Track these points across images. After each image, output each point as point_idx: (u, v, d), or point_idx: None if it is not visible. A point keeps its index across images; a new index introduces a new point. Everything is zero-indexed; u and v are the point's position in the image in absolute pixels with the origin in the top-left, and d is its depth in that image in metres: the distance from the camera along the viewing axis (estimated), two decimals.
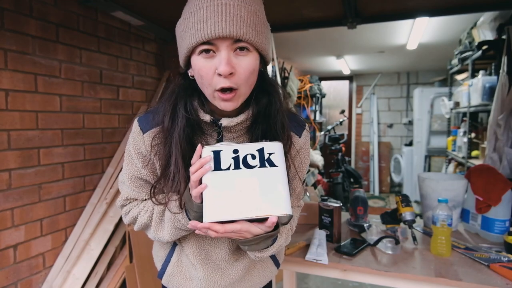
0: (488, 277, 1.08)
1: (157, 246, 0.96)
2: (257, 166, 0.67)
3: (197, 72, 0.70)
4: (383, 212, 1.55)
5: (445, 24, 3.00)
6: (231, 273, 0.85)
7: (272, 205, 0.65)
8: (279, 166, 0.68)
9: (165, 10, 1.94)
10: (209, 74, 0.68)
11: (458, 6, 1.89)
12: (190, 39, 0.66)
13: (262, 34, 0.69)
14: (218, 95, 0.70)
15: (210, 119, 0.76)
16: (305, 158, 0.87)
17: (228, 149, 0.67)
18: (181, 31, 0.70)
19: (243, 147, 0.68)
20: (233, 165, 0.67)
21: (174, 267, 0.89)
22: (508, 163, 2.09)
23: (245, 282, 0.88)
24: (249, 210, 0.64)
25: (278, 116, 0.77)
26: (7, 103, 1.53)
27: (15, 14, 1.54)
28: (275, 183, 0.66)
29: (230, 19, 0.63)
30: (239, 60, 0.68)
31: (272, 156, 0.68)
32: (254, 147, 0.68)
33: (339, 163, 4.82)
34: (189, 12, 0.67)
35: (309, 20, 2.15)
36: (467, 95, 3.13)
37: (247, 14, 0.65)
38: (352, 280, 1.23)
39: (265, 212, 0.65)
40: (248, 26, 0.65)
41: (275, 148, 0.69)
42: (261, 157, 0.68)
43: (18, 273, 1.62)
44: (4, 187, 1.54)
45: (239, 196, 0.65)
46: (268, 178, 0.66)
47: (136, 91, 2.32)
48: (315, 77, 5.27)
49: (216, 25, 0.63)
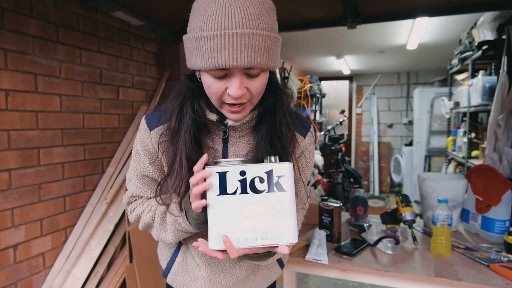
0: (488, 277, 1.08)
1: (162, 245, 0.97)
2: (265, 191, 0.64)
3: (207, 88, 0.71)
4: (383, 212, 1.55)
5: (445, 24, 3.00)
6: (235, 273, 0.86)
7: (279, 234, 0.64)
8: (287, 191, 0.65)
9: (165, 10, 1.94)
10: (219, 92, 0.69)
11: (458, 6, 1.89)
12: (202, 63, 0.66)
13: (274, 55, 0.69)
14: (226, 107, 0.71)
15: (217, 118, 0.77)
16: (309, 160, 0.87)
17: (234, 170, 0.64)
18: (191, 48, 0.69)
19: (251, 168, 0.64)
20: (239, 189, 0.64)
21: (179, 266, 0.89)
22: (508, 163, 2.09)
23: (249, 282, 0.89)
24: (255, 238, 0.63)
25: (284, 116, 0.78)
26: (7, 103, 1.53)
27: (15, 14, 1.54)
28: (283, 210, 0.64)
29: (245, 50, 0.63)
30: (250, 81, 0.69)
31: (281, 180, 0.65)
32: (262, 169, 0.64)
33: (339, 163, 4.82)
34: (201, 35, 0.65)
35: (309, 20, 2.15)
36: (467, 95, 3.13)
37: (261, 42, 0.65)
38: (352, 280, 1.23)
39: (271, 241, 0.63)
40: (262, 55, 0.65)
41: (284, 170, 0.65)
42: (269, 181, 0.64)
43: (18, 273, 1.62)
44: (4, 187, 1.54)
45: (245, 223, 0.63)
46: (276, 205, 0.64)
47: (136, 91, 2.32)
48: (315, 77, 5.27)
49: (231, 57, 0.63)
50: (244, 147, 0.81)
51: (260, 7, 0.66)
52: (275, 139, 0.76)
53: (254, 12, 0.64)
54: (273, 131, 0.77)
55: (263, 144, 0.77)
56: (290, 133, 0.79)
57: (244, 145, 0.82)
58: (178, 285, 0.90)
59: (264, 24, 0.66)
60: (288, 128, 0.78)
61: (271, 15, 0.69)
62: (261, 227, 0.63)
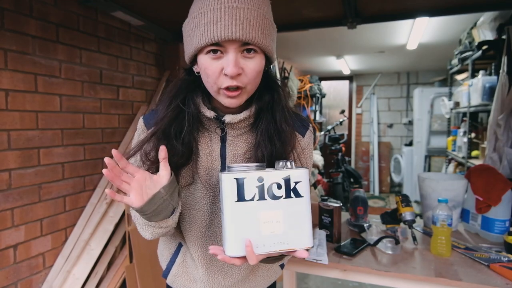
0: (488, 277, 1.08)
1: (162, 246, 0.96)
2: (282, 196, 0.65)
3: (203, 71, 0.71)
4: (383, 212, 1.55)
5: (445, 24, 3.00)
6: (234, 273, 0.85)
7: (296, 239, 0.64)
8: (304, 197, 0.65)
9: (165, 10, 1.94)
10: (216, 73, 0.69)
11: (458, 6, 1.89)
12: (199, 39, 0.67)
13: (269, 37, 0.71)
14: (223, 92, 0.70)
15: (214, 115, 0.76)
16: (309, 158, 0.87)
17: (252, 176, 0.64)
18: (189, 30, 0.71)
19: (269, 174, 0.64)
20: (257, 195, 0.64)
21: (179, 267, 0.89)
22: (508, 163, 2.09)
23: (249, 282, 0.88)
24: (273, 244, 0.64)
25: (282, 112, 0.77)
26: (7, 103, 1.53)
27: (15, 14, 1.54)
28: (300, 216, 0.65)
29: (240, 22, 0.64)
30: (246, 62, 0.69)
31: (298, 185, 0.65)
32: (280, 175, 0.65)
33: (339, 163, 4.82)
34: (199, 12, 0.67)
35: (309, 20, 2.15)
36: (467, 95, 3.13)
37: (257, 18, 0.66)
38: (352, 280, 1.23)
39: (288, 246, 0.64)
40: (257, 30, 0.66)
41: (301, 176, 0.66)
42: (287, 187, 0.65)
43: (18, 273, 1.62)
44: (4, 187, 1.54)
45: (264, 229, 0.63)
46: (294, 210, 0.65)
47: (136, 91, 2.32)
48: (315, 77, 5.27)
49: (226, 28, 0.64)
50: (243, 146, 0.80)
51: None
52: (275, 136, 0.75)
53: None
54: (272, 128, 0.76)
55: (263, 142, 0.76)
56: (290, 130, 0.78)
57: (243, 144, 0.80)
58: (177, 286, 0.90)
59: (259, 5, 0.68)
60: (287, 124, 0.77)
61: (265, 3, 0.71)
62: (279, 232, 0.64)
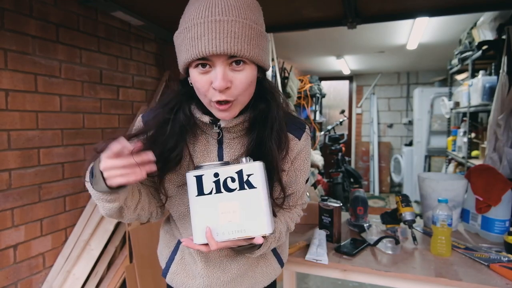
0: (488, 277, 1.08)
1: (161, 245, 0.97)
2: (236, 189, 0.70)
3: (194, 84, 0.72)
4: (383, 212, 1.55)
5: (445, 24, 3.00)
6: (232, 269, 0.86)
7: (254, 227, 0.70)
8: (257, 187, 0.70)
9: (165, 10, 1.94)
10: (205, 87, 0.69)
11: (458, 6, 1.89)
12: (186, 54, 0.67)
13: (258, 47, 0.69)
14: (214, 105, 0.71)
15: (209, 120, 0.78)
16: (306, 160, 0.88)
17: (209, 173, 0.70)
18: (178, 44, 0.71)
19: (223, 170, 0.70)
20: (214, 189, 0.71)
21: (177, 265, 0.90)
22: (508, 163, 2.09)
23: (247, 278, 0.89)
24: (232, 232, 0.70)
25: (276, 122, 0.78)
26: (7, 103, 1.53)
27: (15, 14, 1.54)
28: (256, 205, 0.70)
29: (224, 36, 0.64)
30: (235, 74, 0.68)
31: (251, 178, 0.70)
32: (233, 170, 0.70)
33: (339, 163, 4.82)
34: (185, 26, 0.67)
35: (309, 20, 2.15)
36: (467, 95, 3.13)
37: (242, 29, 0.65)
38: (352, 280, 1.23)
39: (247, 233, 0.70)
40: (242, 42, 0.65)
41: (254, 169, 0.70)
42: (240, 180, 0.70)
43: (18, 273, 1.62)
44: (4, 187, 1.54)
45: (222, 219, 0.70)
46: (248, 200, 0.70)
47: (136, 91, 2.32)
48: (315, 77, 5.28)
49: (210, 43, 0.63)
50: (240, 148, 0.81)
51: (241, 1, 0.68)
52: (267, 143, 0.77)
53: (234, 4, 0.66)
54: (265, 136, 0.77)
55: (252, 148, 0.78)
56: (284, 138, 0.79)
57: (240, 146, 0.82)
58: (177, 284, 0.90)
59: (245, 15, 0.67)
60: (281, 132, 0.78)
61: (254, 10, 0.70)
62: (236, 221, 0.70)
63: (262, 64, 0.72)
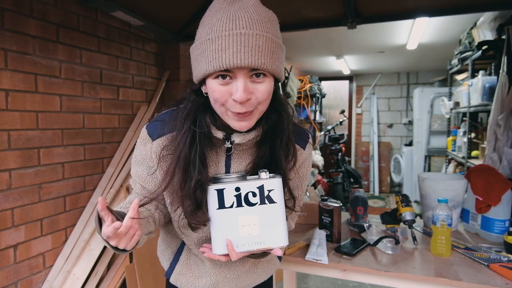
0: (488, 277, 1.08)
1: (162, 246, 0.98)
2: (257, 203, 0.72)
3: (211, 94, 0.71)
4: (383, 212, 1.55)
5: (445, 24, 3.00)
6: (238, 267, 0.90)
7: (272, 239, 0.73)
8: (277, 202, 0.73)
9: (165, 10, 1.94)
10: (224, 97, 0.69)
11: (458, 6, 1.89)
12: (207, 66, 0.67)
13: (278, 60, 0.70)
14: (231, 114, 0.71)
15: (223, 136, 0.77)
16: (309, 167, 0.93)
17: (230, 187, 0.72)
18: (197, 55, 0.70)
19: (245, 184, 0.72)
20: (235, 203, 0.72)
21: (183, 266, 0.91)
22: (508, 163, 2.09)
23: (251, 275, 0.93)
24: (251, 243, 0.73)
25: (286, 134, 0.79)
26: (7, 103, 1.53)
27: (15, 14, 1.54)
28: (275, 219, 0.73)
29: (249, 49, 0.64)
30: (256, 86, 0.69)
31: (271, 193, 0.73)
32: (254, 185, 0.72)
33: (339, 163, 4.82)
34: (207, 38, 0.67)
35: (309, 20, 2.15)
36: (467, 95, 3.13)
37: (265, 43, 0.66)
38: (352, 280, 1.23)
39: (265, 245, 0.73)
40: (266, 56, 0.66)
41: (274, 184, 0.73)
42: (261, 194, 0.73)
43: (18, 273, 1.62)
44: (4, 187, 1.54)
45: (242, 231, 0.72)
46: (268, 214, 0.73)
47: (136, 91, 2.32)
48: (315, 77, 5.28)
49: (235, 56, 0.64)
50: (248, 158, 0.83)
51: (263, 15, 0.69)
52: (277, 154, 0.79)
53: (257, 18, 0.67)
54: (275, 148, 0.79)
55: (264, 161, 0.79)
56: (293, 149, 0.81)
57: (248, 157, 0.83)
58: (182, 284, 0.92)
59: (268, 29, 0.68)
60: (290, 144, 0.80)
61: (274, 24, 0.71)
62: (255, 233, 0.72)
63: (279, 76, 0.74)
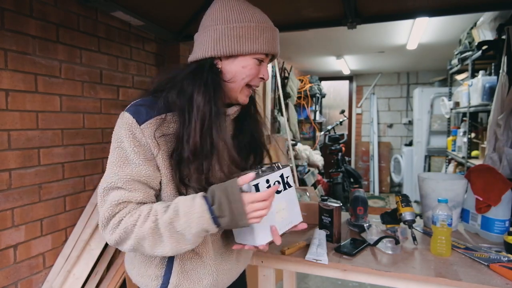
0: (488, 277, 1.08)
1: (140, 267, 0.87)
2: (282, 190, 0.86)
3: (242, 68, 0.85)
4: (383, 212, 1.55)
5: (445, 24, 3.01)
6: (232, 257, 0.94)
7: (294, 217, 0.90)
8: (293, 186, 0.89)
9: (165, 10, 1.94)
10: (255, 74, 0.88)
11: (458, 6, 1.89)
12: (256, 46, 0.83)
13: None
14: (246, 89, 0.89)
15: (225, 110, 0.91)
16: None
17: (262, 180, 0.81)
18: (240, 33, 0.82)
19: (271, 176, 0.83)
20: None
21: (178, 276, 0.84)
22: (508, 163, 2.09)
23: (238, 264, 0.98)
24: (285, 225, 0.87)
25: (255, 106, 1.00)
26: (7, 103, 1.53)
27: (15, 14, 1.54)
28: (293, 199, 0.90)
29: (278, 43, 0.90)
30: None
31: (288, 179, 0.88)
32: (277, 174, 0.85)
33: (339, 163, 4.82)
34: (265, 26, 0.85)
35: (309, 20, 2.15)
36: (467, 95, 3.13)
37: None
38: (352, 280, 1.23)
39: (292, 224, 0.89)
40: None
41: (288, 171, 0.89)
42: (283, 182, 0.86)
43: (18, 273, 1.62)
44: (4, 187, 1.54)
45: (277, 217, 0.84)
46: (290, 197, 0.89)
47: (136, 91, 2.32)
48: (315, 77, 5.28)
49: (276, 46, 0.88)
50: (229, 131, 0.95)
51: None
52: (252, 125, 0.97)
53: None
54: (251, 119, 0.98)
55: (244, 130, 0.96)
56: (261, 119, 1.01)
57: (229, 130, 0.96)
58: None
59: None
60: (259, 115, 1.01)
61: None
62: (286, 216, 0.87)
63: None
